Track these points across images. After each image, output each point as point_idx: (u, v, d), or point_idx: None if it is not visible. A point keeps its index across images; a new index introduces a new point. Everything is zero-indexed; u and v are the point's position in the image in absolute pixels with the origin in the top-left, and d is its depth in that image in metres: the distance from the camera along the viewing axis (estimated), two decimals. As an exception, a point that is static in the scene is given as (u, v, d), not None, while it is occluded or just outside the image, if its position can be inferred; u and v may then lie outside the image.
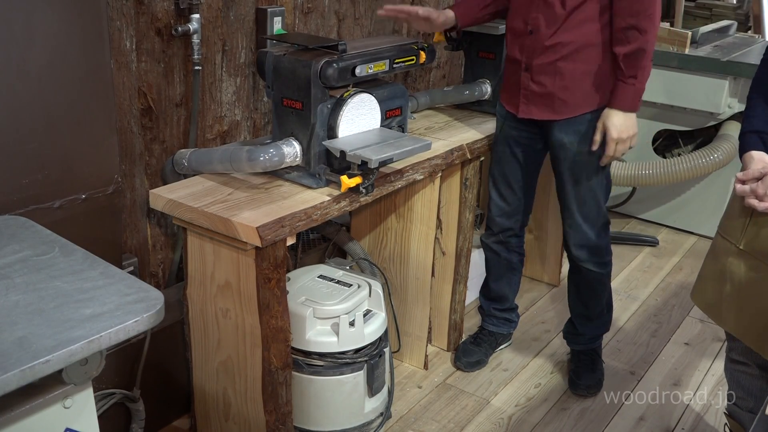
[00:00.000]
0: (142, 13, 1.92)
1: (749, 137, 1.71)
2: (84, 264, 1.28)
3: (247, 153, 1.84)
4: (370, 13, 2.65)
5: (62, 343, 1.03)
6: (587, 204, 2.23)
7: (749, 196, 1.64)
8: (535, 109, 2.17)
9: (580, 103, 2.12)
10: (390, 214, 2.41)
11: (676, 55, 3.46)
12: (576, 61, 2.08)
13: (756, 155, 1.67)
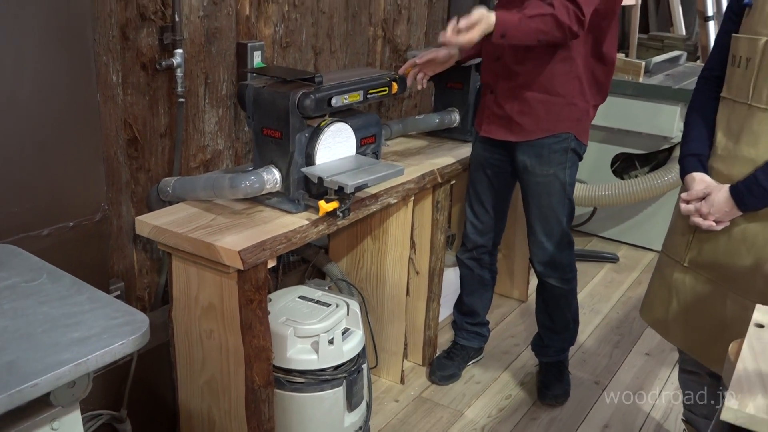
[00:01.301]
0: (128, 48, 1.92)
1: (689, 160, 1.74)
2: (71, 289, 1.26)
3: (230, 180, 1.83)
4: (345, 47, 2.67)
5: (50, 366, 1.01)
6: (549, 223, 2.25)
7: (694, 215, 1.67)
8: (495, 129, 2.20)
9: (536, 129, 2.14)
10: (366, 237, 2.41)
11: (631, 84, 3.52)
12: (537, 90, 2.11)
13: (697, 176, 1.70)
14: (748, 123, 1.60)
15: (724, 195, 1.61)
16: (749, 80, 1.59)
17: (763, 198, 1.56)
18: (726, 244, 1.66)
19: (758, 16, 1.58)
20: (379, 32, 2.84)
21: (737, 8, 1.67)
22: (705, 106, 1.75)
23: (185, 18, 2.03)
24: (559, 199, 2.22)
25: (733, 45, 1.65)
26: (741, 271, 1.64)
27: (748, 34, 1.60)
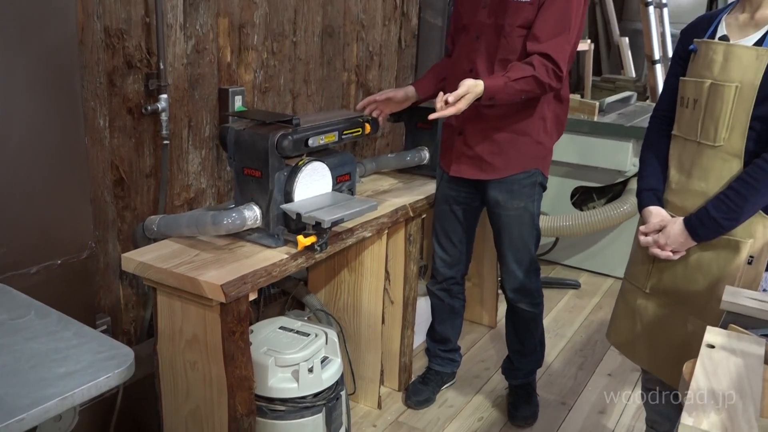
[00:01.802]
0: (115, 94, 1.92)
1: (646, 194, 1.77)
2: (58, 325, 1.23)
3: (212, 218, 1.82)
4: (321, 91, 2.69)
5: (37, 401, 0.99)
6: (520, 252, 2.27)
7: (653, 246, 1.70)
8: (465, 169, 2.22)
9: (506, 167, 2.16)
10: (343, 269, 2.40)
11: (587, 122, 3.59)
12: (505, 130, 2.13)
13: (654, 210, 1.73)
14: (698, 159, 1.64)
15: (679, 227, 1.64)
16: (697, 120, 1.63)
17: (714, 228, 1.59)
18: (683, 271, 1.69)
19: (702, 61, 1.63)
20: (353, 77, 2.88)
21: (683, 54, 1.73)
22: (658, 143, 1.79)
23: (170, 65, 2.03)
24: (529, 229, 2.25)
25: (681, 87, 1.70)
26: (698, 296, 1.66)
27: (694, 77, 1.65)
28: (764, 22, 1.56)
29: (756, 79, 1.52)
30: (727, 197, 1.56)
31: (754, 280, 1.60)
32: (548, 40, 1.97)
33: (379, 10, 2.95)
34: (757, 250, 1.59)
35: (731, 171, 1.58)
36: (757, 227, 1.58)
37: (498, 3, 2.05)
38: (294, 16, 2.48)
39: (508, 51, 2.05)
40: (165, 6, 1.98)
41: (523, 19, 2.01)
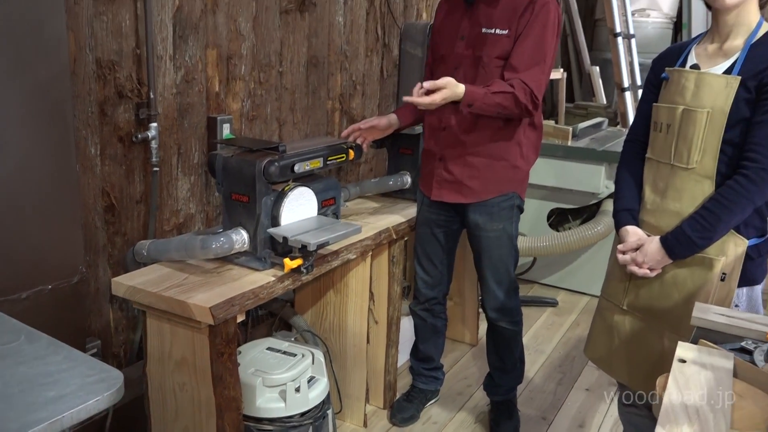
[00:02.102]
0: (106, 123, 1.91)
1: (622, 214, 1.79)
2: (48, 350, 1.21)
3: (201, 242, 1.81)
4: (306, 119, 2.70)
5: (26, 425, 0.96)
6: (500, 272, 2.27)
7: (630, 264, 1.71)
8: (446, 193, 2.22)
9: (485, 191, 2.18)
10: (329, 290, 2.39)
11: (561, 147, 3.63)
12: (483, 155, 2.15)
13: (631, 229, 1.75)
14: (671, 180, 1.66)
15: (655, 245, 1.66)
16: (670, 144, 1.65)
17: (689, 247, 1.61)
18: (659, 288, 1.70)
19: (675, 88, 1.66)
20: (337, 105, 2.89)
21: (655, 81, 1.76)
22: (632, 165, 1.81)
23: (160, 95, 2.03)
24: (508, 250, 2.25)
25: (654, 113, 1.72)
26: (674, 311, 1.67)
27: (666, 103, 1.68)
28: (732, 52, 1.60)
29: (726, 105, 1.55)
30: (702, 217, 1.58)
31: (726, 296, 1.62)
32: (525, 70, 1.99)
33: (362, 41, 2.98)
34: (729, 267, 1.60)
35: (704, 192, 1.60)
36: (729, 245, 1.60)
37: (475, 36, 2.08)
38: (280, 47, 2.50)
39: (487, 80, 2.07)
40: (155, 38, 1.99)
41: (500, 51, 2.04)
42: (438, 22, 2.24)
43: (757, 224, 1.63)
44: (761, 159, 1.51)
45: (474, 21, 2.09)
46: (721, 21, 1.61)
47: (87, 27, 1.81)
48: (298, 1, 2.54)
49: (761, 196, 1.55)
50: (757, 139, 1.52)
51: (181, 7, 2.07)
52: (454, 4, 2.17)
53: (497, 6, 2.04)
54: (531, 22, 1.99)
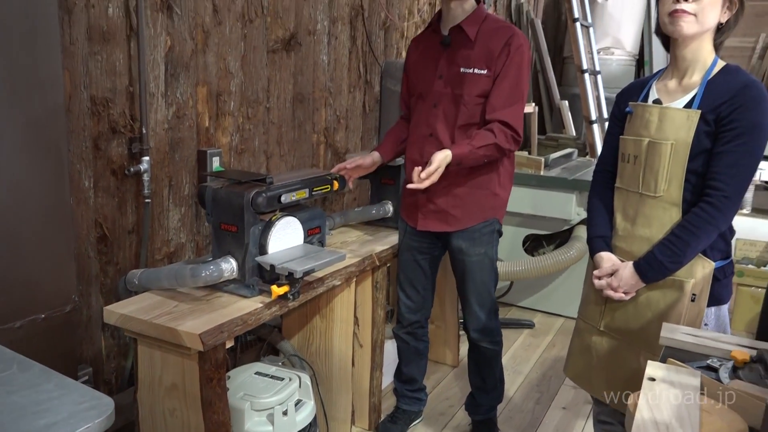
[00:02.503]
0: (100, 157, 1.90)
1: (596, 241, 1.80)
2: (40, 378, 1.18)
3: (191, 270, 1.79)
4: (292, 152, 2.71)
5: (17, 453, 0.94)
6: (482, 295, 2.28)
7: (606, 288, 1.72)
8: (432, 223, 2.23)
9: (470, 218, 2.19)
10: (315, 315, 2.37)
11: (534, 176, 3.67)
12: (465, 186, 2.16)
13: (605, 255, 1.76)
14: (641, 208, 1.69)
15: (629, 270, 1.67)
16: (638, 174, 1.68)
17: (661, 271, 1.63)
18: (634, 310, 1.71)
19: (639, 122, 1.69)
20: (322, 138, 2.91)
21: (620, 115, 1.79)
22: (603, 194, 1.83)
23: (152, 130, 2.03)
24: (489, 273, 2.26)
25: (621, 145, 1.75)
26: (648, 332, 1.68)
27: (633, 136, 1.71)
28: (691, 87, 1.64)
29: (688, 137, 1.58)
30: (671, 242, 1.60)
31: (697, 316, 1.63)
32: (505, 108, 2.04)
33: (345, 79, 3.01)
34: (699, 288, 1.62)
35: (672, 218, 1.63)
36: (697, 268, 1.62)
37: (454, 75, 2.11)
38: (267, 84, 2.52)
39: (468, 117, 2.10)
40: (148, 76, 1.99)
41: (480, 89, 2.07)
42: (412, 60, 2.26)
43: (722, 247, 1.65)
44: (723, 187, 1.55)
45: (451, 61, 2.12)
46: (679, 57, 1.65)
47: (82, 66, 1.81)
48: (285, 41, 2.57)
49: (725, 222, 1.58)
50: (719, 168, 1.55)
51: (173, 47, 2.08)
52: (429, 44, 2.21)
53: (474, 47, 2.08)
54: (508, 63, 2.04)
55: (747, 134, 1.52)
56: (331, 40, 2.87)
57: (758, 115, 1.53)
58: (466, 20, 2.09)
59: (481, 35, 2.08)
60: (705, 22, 1.57)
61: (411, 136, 2.25)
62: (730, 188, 1.54)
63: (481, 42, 2.08)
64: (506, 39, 2.05)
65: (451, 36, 2.12)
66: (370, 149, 3.21)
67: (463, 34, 2.09)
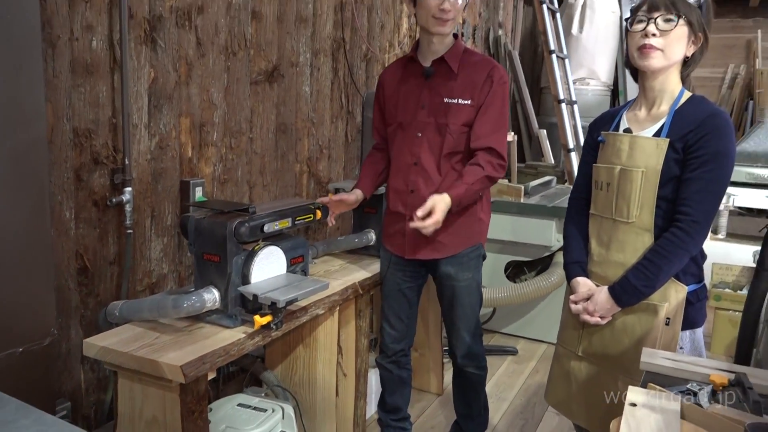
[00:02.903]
0: (81, 188, 1.89)
1: (572, 267, 1.82)
2: (17, 414, 1.15)
3: (173, 301, 1.77)
4: (275, 181, 2.71)
5: (-9, 493, 0.91)
6: (469, 320, 2.28)
7: (582, 313, 1.73)
8: (421, 251, 2.24)
9: (459, 244, 2.20)
10: (298, 345, 2.35)
11: (514, 204, 3.70)
12: (452, 213, 2.18)
13: (581, 281, 1.78)
14: (614, 234, 1.71)
15: (605, 295, 1.69)
16: (611, 200, 1.71)
17: (635, 295, 1.65)
18: (610, 334, 1.72)
19: (611, 150, 1.73)
20: (305, 168, 2.92)
21: (593, 143, 1.83)
22: (578, 221, 1.86)
23: (134, 161, 2.03)
24: (476, 297, 2.27)
25: (594, 173, 1.79)
26: (625, 356, 1.69)
27: (605, 163, 1.74)
28: (659, 117, 1.68)
29: (658, 164, 1.62)
30: (644, 267, 1.63)
31: (672, 339, 1.65)
32: (490, 135, 2.10)
33: (328, 109, 3.04)
34: (672, 312, 1.64)
35: (644, 243, 1.66)
36: (671, 292, 1.64)
37: (438, 104, 2.14)
38: (250, 115, 2.53)
39: (453, 146, 2.13)
40: (131, 108, 2.00)
41: (464, 119, 2.11)
42: (390, 89, 2.27)
43: (694, 272, 1.68)
44: (692, 212, 1.59)
45: (434, 91, 2.15)
46: (648, 88, 1.70)
47: (65, 98, 1.81)
48: (267, 72, 2.59)
49: (695, 245, 1.61)
50: (688, 194, 1.59)
51: (156, 79, 2.09)
52: (408, 75, 2.23)
53: (457, 78, 2.12)
54: (491, 94, 2.10)
55: (713, 161, 1.57)
56: (314, 71, 2.90)
57: (723, 143, 1.58)
58: (449, 53, 2.14)
59: (463, 67, 2.13)
60: (671, 57, 1.63)
61: (394, 165, 2.26)
62: (699, 213, 1.59)
63: (463, 74, 2.12)
64: (488, 71, 2.11)
65: (433, 67, 2.16)
66: (352, 178, 3.23)
67: (446, 65, 2.13)
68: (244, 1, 2.43)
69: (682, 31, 1.61)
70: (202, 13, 2.25)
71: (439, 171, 2.15)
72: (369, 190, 2.32)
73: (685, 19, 1.60)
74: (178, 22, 2.15)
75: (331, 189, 2.63)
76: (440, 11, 2.03)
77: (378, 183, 2.35)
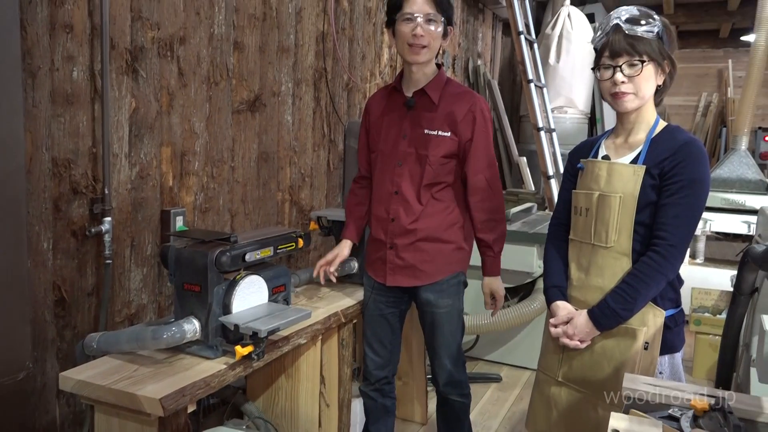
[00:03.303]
0: (60, 218, 1.86)
1: (552, 291, 1.84)
2: (-11, 451, 1.12)
3: (152, 332, 1.74)
4: (257, 210, 2.70)
5: None
6: (450, 346, 2.27)
7: (562, 336, 1.74)
8: (401, 278, 2.23)
9: (439, 272, 2.20)
10: (280, 375, 2.31)
11: (496, 231, 3.71)
12: (433, 241, 2.18)
13: (560, 304, 1.79)
14: (593, 258, 1.73)
15: (584, 318, 1.70)
16: (590, 225, 1.74)
17: (614, 318, 1.66)
18: (590, 359, 1.72)
19: (590, 176, 1.76)
20: (287, 196, 2.92)
21: (572, 171, 1.86)
22: (558, 246, 1.88)
23: (114, 191, 2.01)
24: (457, 324, 2.27)
25: (574, 199, 1.81)
26: (605, 381, 1.69)
27: (584, 190, 1.77)
28: (636, 145, 1.72)
29: (635, 190, 1.65)
30: (623, 291, 1.65)
31: (651, 364, 1.65)
32: (483, 170, 2.16)
33: (310, 138, 3.06)
34: (651, 337, 1.65)
35: (623, 268, 1.68)
36: (649, 316, 1.66)
37: (419, 136, 2.16)
38: (232, 144, 2.53)
39: (433, 177, 2.15)
40: (111, 138, 1.99)
41: (445, 151, 2.13)
42: (375, 118, 2.30)
43: (672, 296, 1.71)
44: (669, 237, 1.62)
45: (415, 123, 2.18)
46: (624, 119, 1.75)
47: (44, 128, 1.80)
48: (249, 102, 2.61)
49: (672, 269, 1.64)
50: (664, 219, 1.63)
51: (138, 109, 2.09)
52: (392, 104, 2.26)
53: (437, 110, 2.15)
54: (477, 129, 2.14)
55: (688, 187, 1.61)
56: (296, 100, 2.92)
57: (698, 170, 1.63)
58: (429, 84, 2.16)
59: (444, 99, 2.15)
60: (644, 96, 1.69)
61: (376, 194, 2.27)
62: (675, 238, 1.62)
63: (443, 105, 2.15)
64: (469, 106, 2.14)
65: (415, 98, 2.18)
66: (335, 206, 3.24)
67: (427, 97, 2.16)
68: (226, 32, 2.45)
69: (649, 70, 1.66)
70: (184, 44, 2.26)
71: (420, 200, 2.16)
72: (356, 236, 2.37)
73: (648, 57, 1.64)
74: (160, 52, 2.16)
75: (314, 217, 2.63)
76: (413, 37, 2.06)
77: (363, 225, 2.39)
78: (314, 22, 3.02)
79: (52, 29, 1.80)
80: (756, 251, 2.13)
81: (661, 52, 1.66)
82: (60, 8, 1.82)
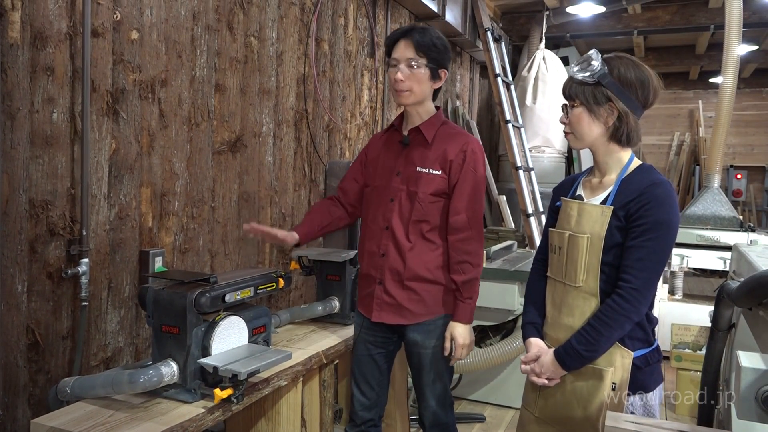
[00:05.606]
0: (36, 260, 1.84)
1: (528, 327, 1.85)
2: (-46, 504, 1.07)
3: (128, 376, 1.70)
4: (237, 250, 2.69)
5: None
6: (437, 389, 2.24)
7: (531, 374, 1.74)
8: (386, 315, 2.22)
9: (426, 312, 2.19)
10: (260, 418, 2.26)
11: (477, 269, 3.72)
12: (420, 281, 2.18)
13: (533, 341, 1.80)
14: (565, 297, 1.74)
15: (550, 357, 1.71)
16: (562, 264, 1.75)
17: (578, 359, 1.66)
18: (562, 397, 1.72)
19: (563, 215, 1.79)
20: (268, 236, 2.91)
21: (554, 208, 1.90)
22: (538, 283, 1.89)
23: (92, 232, 1.99)
24: (445, 365, 2.24)
25: (550, 237, 1.84)
26: (576, 420, 1.68)
27: (558, 228, 1.80)
28: (608, 185, 1.75)
29: (602, 231, 1.67)
30: (587, 332, 1.65)
31: (618, 404, 1.65)
32: (467, 210, 2.15)
33: (291, 177, 3.07)
34: (618, 377, 1.66)
35: (591, 308, 1.69)
36: (616, 357, 1.66)
37: (411, 173, 2.20)
38: (213, 184, 2.53)
39: (421, 214, 2.16)
40: (90, 179, 1.98)
41: (434, 189, 2.16)
42: (374, 153, 2.33)
43: (641, 336, 1.70)
44: (632, 280, 1.63)
45: (409, 160, 2.21)
46: (596, 158, 1.79)
47: (22, 170, 1.79)
48: (230, 143, 2.62)
49: (636, 313, 1.64)
50: (629, 261, 1.64)
51: (118, 150, 2.09)
52: (390, 142, 2.30)
53: (431, 149, 2.19)
54: (466, 168, 2.16)
55: (653, 230, 1.62)
56: (277, 141, 2.94)
57: (664, 213, 1.63)
58: (425, 123, 2.21)
59: (438, 138, 2.20)
60: (583, 136, 1.74)
61: (368, 229, 2.28)
62: (639, 281, 1.62)
63: (437, 144, 2.19)
64: (461, 145, 2.17)
65: (410, 136, 2.22)
66: (315, 245, 3.23)
67: (421, 135, 2.21)
68: (207, 74, 2.48)
69: (579, 113, 1.72)
70: (166, 86, 2.28)
71: (408, 237, 2.17)
72: (305, 236, 2.26)
73: (579, 102, 1.70)
74: (142, 94, 2.18)
75: (294, 257, 2.62)
76: (394, 81, 2.13)
77: (317, 234, 2.33)
78: (295, 64, 3.07)
79: (33, 72, 1.81)
80: (730, 287, 2.15)
81: (599, 95, 1.68)
82: (41, 51, 1.83)
